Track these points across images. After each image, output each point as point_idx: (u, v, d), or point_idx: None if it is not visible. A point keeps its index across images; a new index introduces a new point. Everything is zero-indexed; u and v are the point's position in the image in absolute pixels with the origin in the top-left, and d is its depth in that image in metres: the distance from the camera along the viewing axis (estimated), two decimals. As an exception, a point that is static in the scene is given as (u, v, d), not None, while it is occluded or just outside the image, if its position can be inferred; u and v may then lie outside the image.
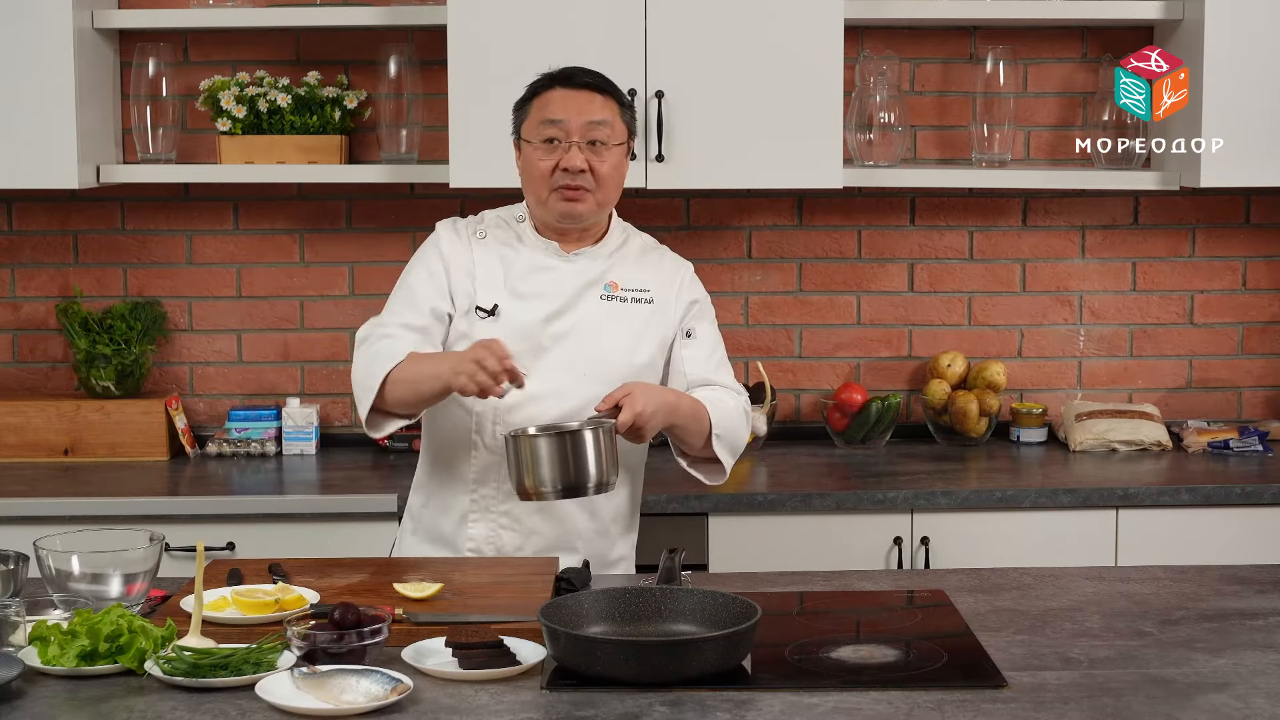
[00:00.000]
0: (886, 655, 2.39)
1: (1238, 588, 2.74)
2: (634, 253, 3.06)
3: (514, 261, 2.98)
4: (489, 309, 2.94)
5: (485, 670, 2.24)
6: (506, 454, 2.74)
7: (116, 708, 2.15)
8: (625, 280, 3.01)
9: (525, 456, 2.70)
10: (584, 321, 2.96)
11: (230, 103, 3.98)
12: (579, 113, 2.90)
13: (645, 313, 3.01)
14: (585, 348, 2.94)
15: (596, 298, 2.98)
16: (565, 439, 2.69)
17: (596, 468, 2.70)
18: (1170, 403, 4.34)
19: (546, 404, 2.90)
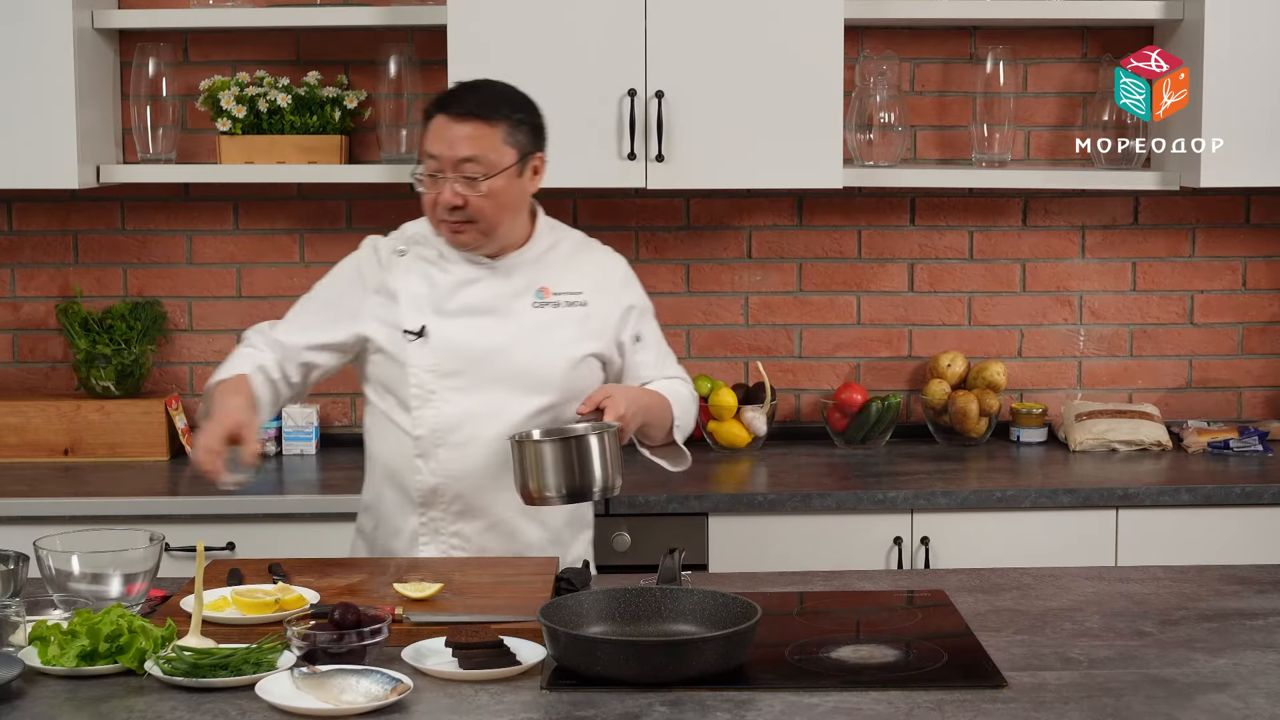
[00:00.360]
0: (886, 655, 2.39)
1: (1238, 588, 2.74)
2: (564, 254, 2.99)
3: (438, 279, 2.92)
4: (417, 331, 2.89)
5: (485, 670, 2.24)
6: (511, 458, 2.73)
7: (116, 708, 2.15)
8: (557, 284, 2.95)
9: (530, 462, 2.69)
10: (517, 332, 2.91)
11: (230, 103, 3.98)
12: (450, 147, 2.81)
13: (579, 316, 2.95)
14: (520, 359, 2.90)
15: (528, 306, 2.93)
16: (571, 444, 2.68)
17: (602, 472, 2.70)
18: (1170, 403, 4.34)
19: (486, 422, 2.89)
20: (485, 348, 2.90)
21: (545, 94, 3.80)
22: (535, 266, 2.95)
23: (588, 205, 4.25)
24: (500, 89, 2.92)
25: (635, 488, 3.69)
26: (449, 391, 2.89)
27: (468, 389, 2.88)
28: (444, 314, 2.90)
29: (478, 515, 2.94)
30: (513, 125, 2.86)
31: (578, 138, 3.81)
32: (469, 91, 2.89)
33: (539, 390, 2.90)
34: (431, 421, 2.89)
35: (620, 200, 4.25)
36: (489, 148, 2.83)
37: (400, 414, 2.93)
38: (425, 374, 2.89)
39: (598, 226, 4.23)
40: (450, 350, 2.89)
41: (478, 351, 2.89)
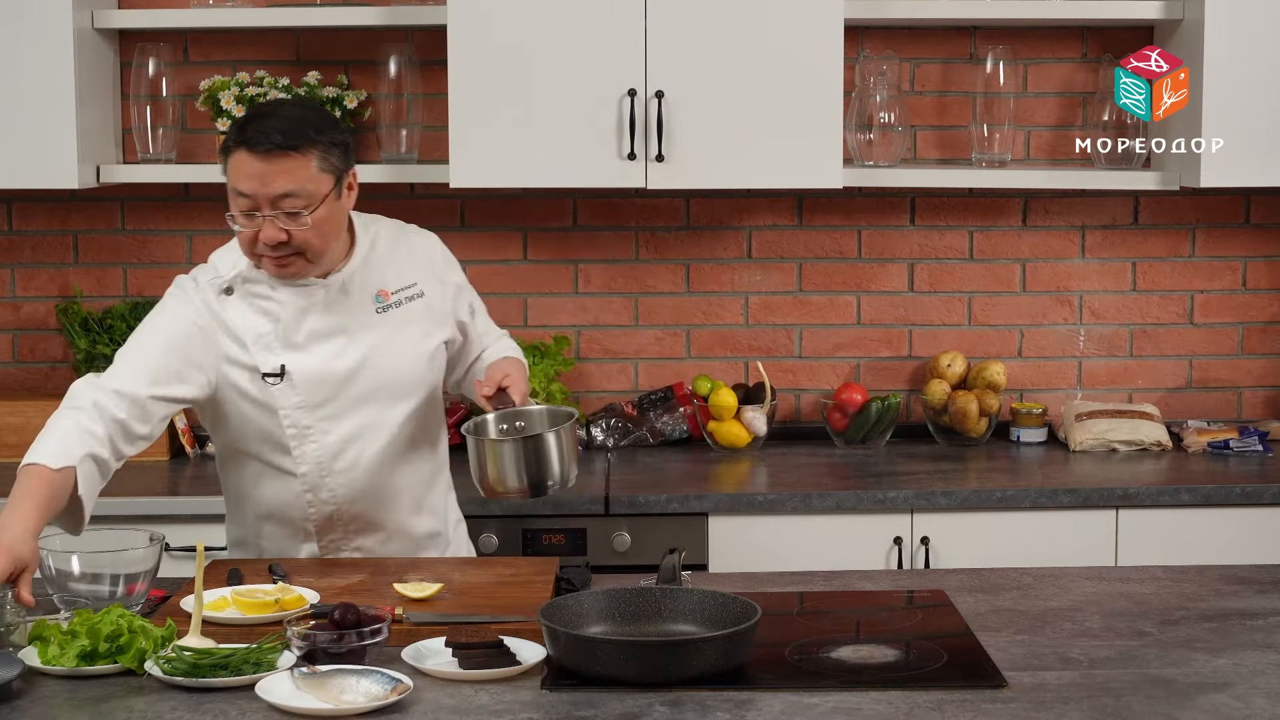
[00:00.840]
0: (886, 655, 2.39)
1: (1238, 588, 2.74)
2: (387, 249, 2.90)
3: (278, 313, 2.80)
4: (277, 373, 2.78)
5: (485, 670, 2.24)
6: (470, 453, 2.73)
7: (116, 708, 2.15)
8: (392, 283, 2.89)
9: (488, 458, 2.70)
10: (371, 345, 2.85)
11: (230, 103, 3.98)
12: (264, 185, 2.66)
13: (421, 308, 2.91)
14: (383, 370, 2.86)
15: (373, 314, 2.85)
16: (529, 444, 2.68)
17: (560, 466, 2.71)
18: (1170, 403, 4.34)
19: (366, 441, 2.87)
20: (346, 370, 2.83)
21: (545, 94, 3.82)
22: (366, 272, 2.86)
23: (588, 205, 4.25)
24: (300, 113, 2.77)
25: (635, 488, 3.69)
26: (323, 422, 2.84)
27: (340, 415, 2.84)
28: (296, 348, 2.80)
29: (375, 529, 2.93)
30: (324, 150, 2.71)
31: (578, 138, 3.81)
32: (270, 122, 2.69)
33: (408, 394, 2.89)
34: (314, 456, 2.85)
35: (620, 200, 4.25)
36: (305, 179, 2.68)
37: (278, 456, 2.86)
38: (296, 412, 2.82)
39: (598, 226, 4.25)
40: (314, 383, 2.81)
41: (340, 376, 2.83)
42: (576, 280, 4.27)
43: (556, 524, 3.62)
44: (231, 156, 2.71)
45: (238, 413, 2.83)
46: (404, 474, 2.93)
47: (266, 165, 2.66)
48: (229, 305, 2.80)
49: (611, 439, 4.13)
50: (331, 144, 2.73)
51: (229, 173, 2.72)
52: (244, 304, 2.81)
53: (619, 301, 4.29)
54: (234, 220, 2.74)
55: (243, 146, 2.68)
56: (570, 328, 4.27)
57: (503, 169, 3.86)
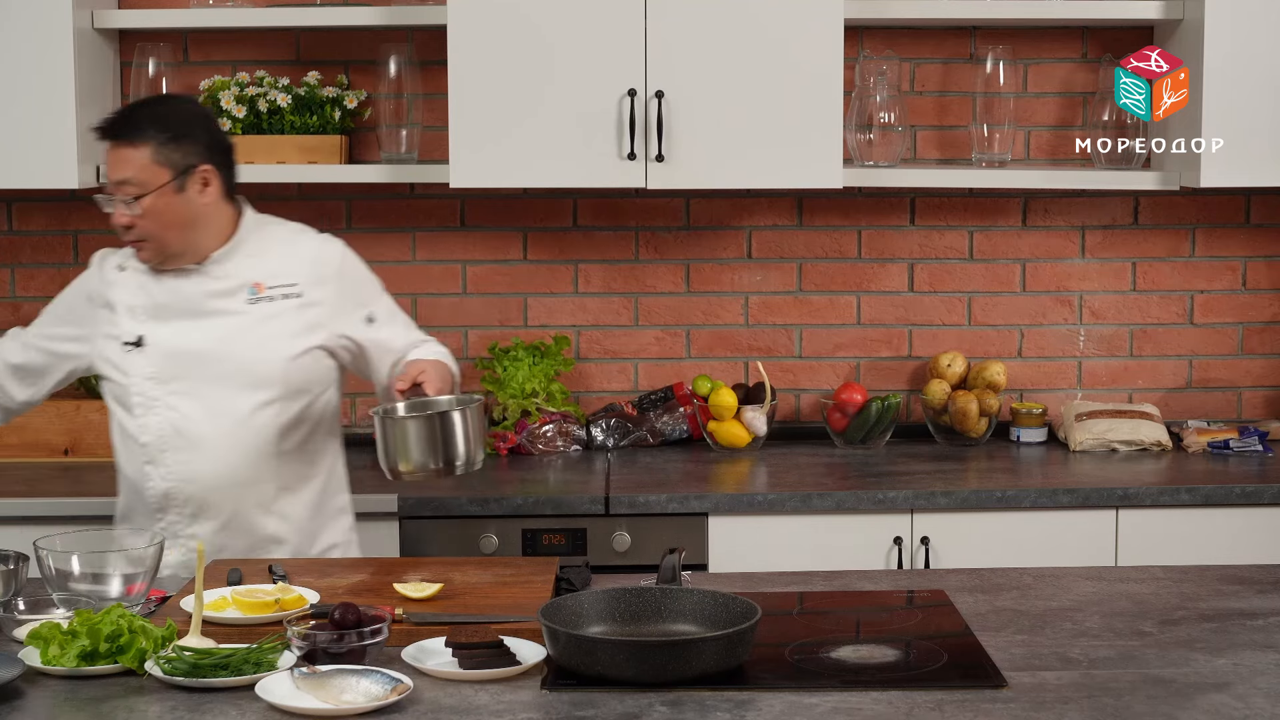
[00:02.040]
0: (886, 655, 2.39)
1: (1238, 588, 2.74)
2: (273, 247, 3.00)
3: (152, 288, 2.95)
4: (134, 341, 2.94)
5: (485, 670, 2.24)
6: (375, 434, 2.74)
7: (116, 708, 2.15)
8: (270, 278, 2.96)
9: (394, 438, 2.70)
10: (232, 331, 2.93)
11: (230, 103, 3.98)
12: (114, 171, 2.89)
13: (295, 307, 2.96)
14: (239, 357, 2.92)
15: (242, 303, 2.95)
16: (435, 420, 2.69)
17: (465, 447, 2.70)
18: (1170, 403, 4.34)
19: (211, 423, 2.92)
20: (202, 350, 2.92)
21: (545, 94, 3.82)
22: (244, 264, 2.97)
23: (588, 205, 4.25)
24: (162, 109, 2.98)
25: (635, 487, 3.69)
26: (171, 397, 2.92)
27: (190, 392, 2.91)
28: (160, 320, 2.94)
29: (212, 516, 2.96)
30: (160, 145, 2.87)
31: (578, 138, 3.81)
32: (122, 115, 2.94)
33: (262, 386, 2.93)
34: (156, 428, 2.92)
35: (620, 200, 4.25)
36: (138, 169, 2.87)
37: (129, 422, 2.96)
38: (146, 382, 2.93)
39: (598, 226, 4.25)
40: (168, 356, 2.92)
41: (195, 354, 2.92)
42: (576, 280, 4.27)
43: (556, 524, 3.62)
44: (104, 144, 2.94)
45: (105, 378, 3.00)
46: (251, 469, 2.95)
47: (114, 153, 2.90)
48: (118, 279, 3.00)
49: (611, 439, 4.13)
50: (171, 140, 2.88)
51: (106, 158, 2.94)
52: (130, 279, 2.98)
53: (619, 301, 4.29)
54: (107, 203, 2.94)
55: (101, 135, 2.93)
56: (570, 328, 4.27)
57: (503, 169, 3.86)
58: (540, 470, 3.92)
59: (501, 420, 4.09)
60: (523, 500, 3.63)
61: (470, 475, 2.79)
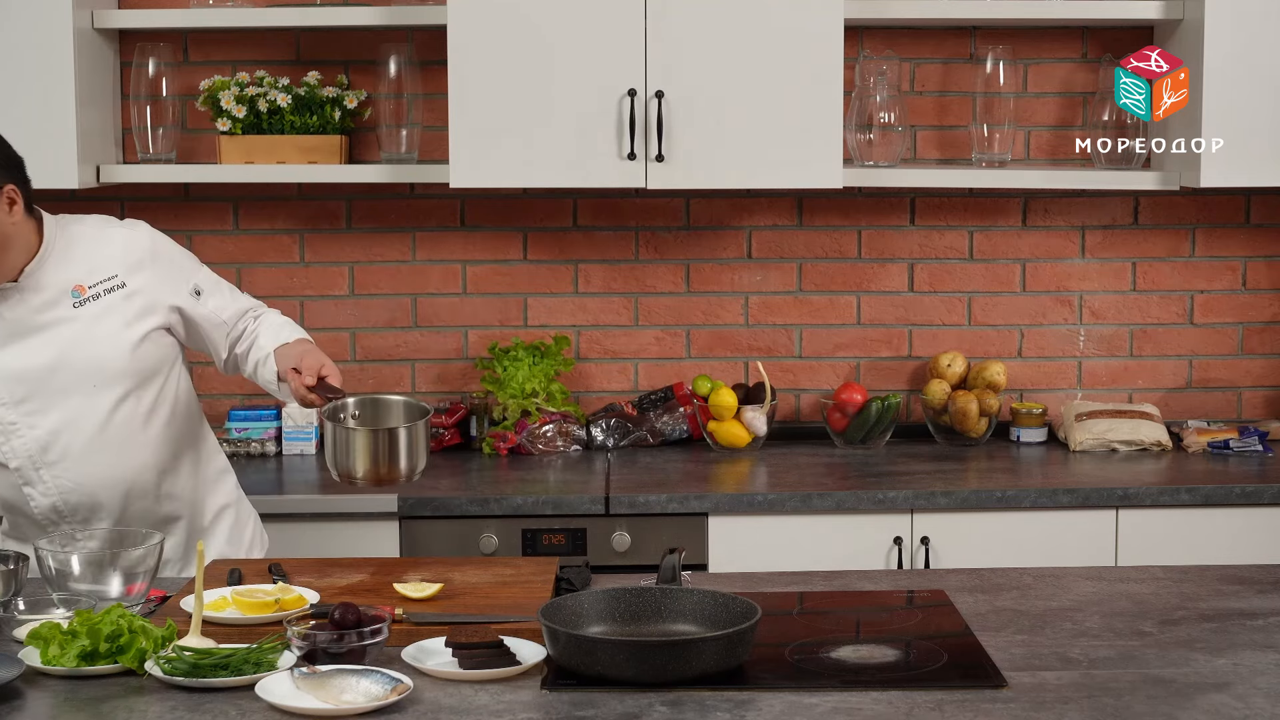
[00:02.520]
0: (886, 655, 2.39)
1: (1238, 588, 2.74)
2: (82, 247, 2.94)
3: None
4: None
5: (485, 670, 2.24)
6: (325, 436, 2.77)
7: (116, 708, 2.15)
8: (87, 277, 2.92)
9: (341, 445, 2.74)
10: (68, 338, 2.89)
11: (230, 103, 3.98)
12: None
13: (121, 298, 2.93)
14: (82, 362, 2.89)
15: (70, 308, 2.89)
16: (381, 435, 2.74)
17: (408, 460, 2.75)
18: (1170, 403, 4.34)
19: (74, 431, 2.89)
20: (43, 364, 2.88)
21: (546, 94, 3.82)
22: (58, 270, 2.90)
23: (588, 205, 4.25)
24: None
25: (635, 487, 3.70)
26: (27, 417, 2.88)
27: (45, 408, 2.88)
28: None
29: (105, 515, 2.95)
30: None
31: (578, 138, 3.81)
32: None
33: (112, 383, 2.91)
34: (23, 451, 2.89)
35: (620, 200, 4.25)
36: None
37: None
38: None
39: (598, 226, 4.25)
40: (11, 379, 2.87)
41: (38, 371, 2.87)
42: (576, 280, 4.27)
43: (556, 524, 3.62)
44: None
45: None
46: (127, 461, 2.94)
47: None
48: None
49: (611, 439, 4.13)
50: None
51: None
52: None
53: (619, 301, 4.29)
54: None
55: None
56: (570, 328, 4.27)
57: (502, 169, 3.86)
58: (540, 470, 3.92)
59: (501, 420, 4.10)
60: (523, 500, 3.63)
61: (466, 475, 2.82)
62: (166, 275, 3.00)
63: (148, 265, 2.98)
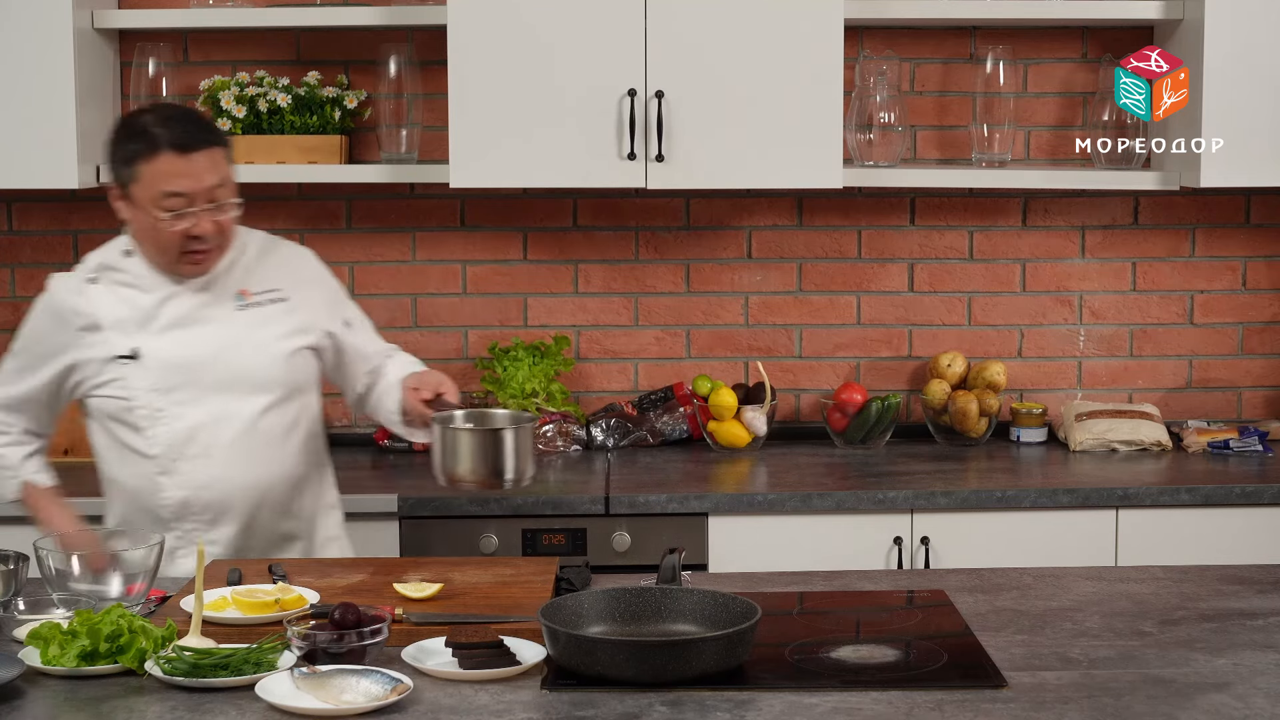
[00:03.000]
0: (886, 655, 2.39)
1: (1238, 588, 2.74)
2: (254, 256, 3.02)
3: (139, 301, 2.93)
4: (129, 354, 2.91)
5: (485, 670, 2.24)
6: (433, 439, 2.78)
7: (116, 708, 2.15)
8: (255, 285, 2.99)
9: (449, 447, 2.75)
10: (227, 338, 2.94)
11: (230, 103, 3.98)
12: (199, 181, 2.82)
13: (282, 311, 3.00)
14: (236, 362, 2.94)
15: (232, 311, 2.96)
16: (488, 437, 2.75)
17: (515, 464, 2.75)
18: (1170, 403, 4.34)
19: (218, 429, 2.93)
20: (200, 357, 2.93)
21: (545, 94, 3.82)
22: (229, 274, 2.98)
23: (588, 205, 4.25)
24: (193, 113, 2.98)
25: (635, 487, 3.69)
26: (175, 406, 2.92)
27: (193, 400, 2.92)
28: (152, 333, 2.92)
29: (231, 520, 2.98)
30: (225, 149, 2.90)
31: (578, 138, 3.81)
32: (183, 122, 2.87)
33: (262, 389, 2.95)
34: (165, 438, 2.93)
35: (620, 200, 4.25)
36: (225, 169, 2.88)
37: (133, 437, 2.95)
38: (148, 394, 2.92)
39: (598, 226, 4.25)
40: (167, 366, 2.92)
41: (194, 362, 2.92)
42: (576, 280, 4.27)
43: (556, 524, 3.62)
44: (151, 162, 2.81)
45: (95, 398, 2.96)
46: (265, 468, 2.98)
47: (200, 163, 2.82)
48: (91, 293, 2.94)
49: (611, 439, 4.13)
50: (228, 139, 2.94)
51: (148, 178, 2.82)
52: (106, 292, 2.94)
53: (619, 301, 4.29)
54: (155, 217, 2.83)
55: (171, 150, 2.80)
56: (570, 328, 4.27)
57: (502, 169, 3.86)
58: (540, 470, 3.92)
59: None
60: (523, 500, 3.63)
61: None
62: (325, 300, 3.08)
63: (311, 287, 3.07)
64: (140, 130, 2.85)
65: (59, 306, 2.96)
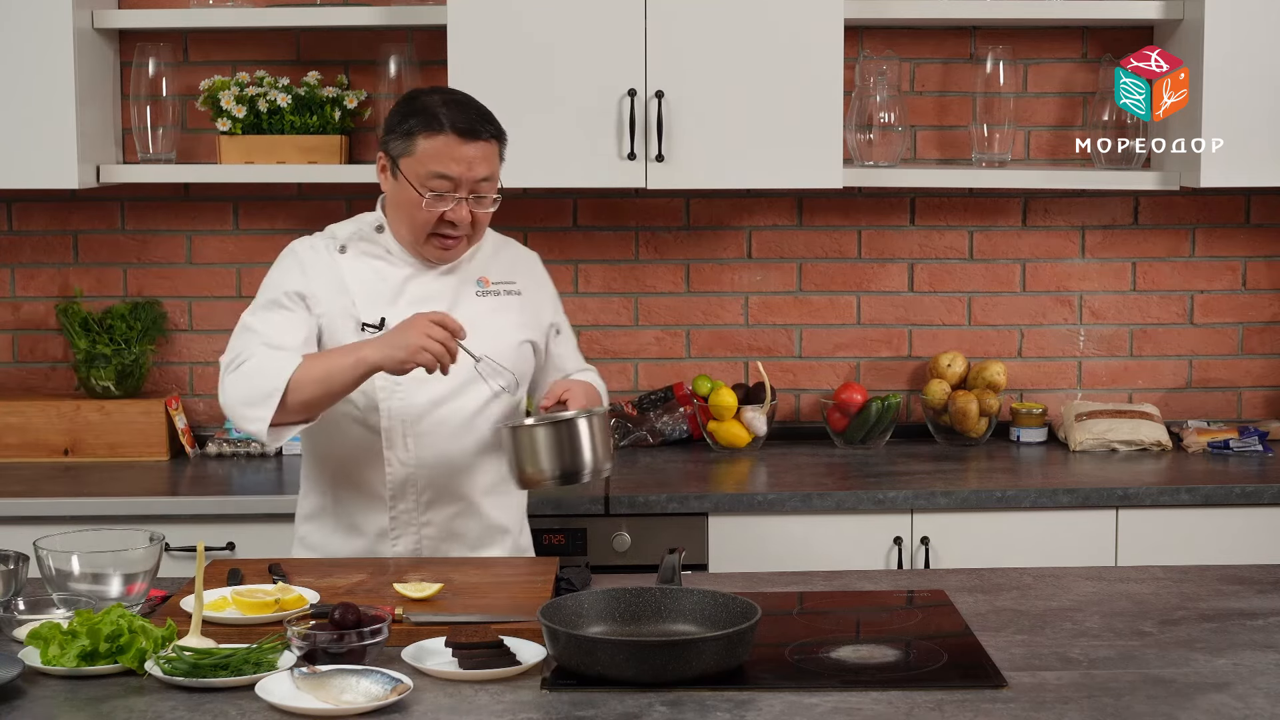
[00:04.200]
0: (886, 655, 2.39)
1: (1238, 588, 2.74)
2: (490, 249, 3.07)
3: (388, 273, 2.96)
4: (377, 324, 2.91)
5: (485, 670, 2.24)
6: (505, 446, 2.78)
7: (116, 708, 2.15)
8: (493, 275, 3.03)
9: (524, 446, 2.75)
10: (469, 320, 2.91)
11: (230, 103, 3.98)
12: (470, 169, 2.86)
13: (516, 304, 3.03)
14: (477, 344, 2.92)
15: (473, 295, 2.99)
16: (562, 428, 2.75)
17: (591, 454, 2.77)
18: (1170, 403, 4.34)
19: (450, 407, 2.94)
20: None
21: (545, 94, 3.82)
22: (470, 263, 3.02)
23: (588, 205, 4.25)
24: (480, 103, 2.96)
25: (635, 487, 3.69)
26: (411, 382, 2.91)
27: (428, 378, 2.89)
28: (395, 306, 2.93)
29: (449, 501, 2.97)
30: (501, 145, 2.95)
31: (578, 138, 3.81)
32: (469, 110, 2.90)
33: (493, 373, 2.95)
34: (400, 412, 2.92)
35: (620, 200, 4.25)
36: (497, 165, 2.92)
37: (365, 410, 2.94)
38: None
39: (598, 226, 4.25)
40: None
41: None
42: (576, 280, 4.27)
43: (556, 524, 3.62)
44: (432, 139, 2.85)
45: None
46: (485, 457, 2.98)
47: (475, 152, 2.87)
48: (344, 261, 2.96)
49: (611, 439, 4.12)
50: (504, 135, 2.96)
51: (422, 153, 2.86)
52: (357, 261, 2.96)
53: (619, 301, 4.29)
54: (417, 195, 2.86)
55: (453, 133, 2.85)
56: (570, 328, 4.27)
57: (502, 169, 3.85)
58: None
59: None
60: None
61: None
62: (547, 301, 3.12)
63: (541, 287, 3.12)
64: (426, 107, 2.88)
65: (308, 267, 2.94)
